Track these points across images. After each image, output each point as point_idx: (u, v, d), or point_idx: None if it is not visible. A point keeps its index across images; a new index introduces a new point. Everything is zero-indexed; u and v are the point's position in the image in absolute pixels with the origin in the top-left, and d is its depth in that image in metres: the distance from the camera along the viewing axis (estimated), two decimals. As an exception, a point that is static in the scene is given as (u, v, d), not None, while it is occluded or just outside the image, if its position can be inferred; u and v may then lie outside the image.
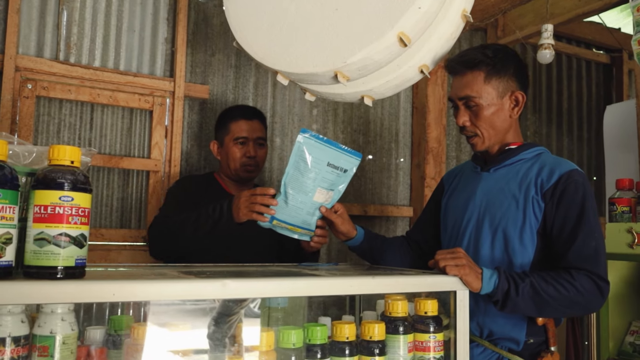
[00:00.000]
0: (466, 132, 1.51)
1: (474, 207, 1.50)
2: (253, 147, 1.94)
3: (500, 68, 1.46)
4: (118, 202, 2.18)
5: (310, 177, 1.45)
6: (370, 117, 2.75)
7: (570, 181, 1.36)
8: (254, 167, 1.95)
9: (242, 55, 2.44)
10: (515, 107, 1.48)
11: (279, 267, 1.56)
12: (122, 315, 1.26)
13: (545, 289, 1.27)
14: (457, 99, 1.49)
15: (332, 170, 1.46)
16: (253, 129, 1.95)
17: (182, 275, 1.23)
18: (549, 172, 1.40)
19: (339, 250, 2.63)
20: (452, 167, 2.93)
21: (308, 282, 1.19)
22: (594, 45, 3.42)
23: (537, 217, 1.39)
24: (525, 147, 1.50)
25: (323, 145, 1.46)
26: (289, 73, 1.55)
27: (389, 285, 1.27)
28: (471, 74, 1.46)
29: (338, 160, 1.46)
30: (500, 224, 1.42)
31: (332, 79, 1.51)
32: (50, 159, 0.96)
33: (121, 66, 2.19)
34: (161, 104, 2.23)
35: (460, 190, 1.60)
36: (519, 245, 1.40)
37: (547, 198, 1.38)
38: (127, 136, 2.21)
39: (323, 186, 1.46)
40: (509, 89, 1.47)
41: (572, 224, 1.34)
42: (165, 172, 2.21)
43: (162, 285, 1.03)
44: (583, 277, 1.29)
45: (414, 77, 1.60)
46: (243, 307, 1.43)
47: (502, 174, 1.49)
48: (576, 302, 1.29)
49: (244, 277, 1.20)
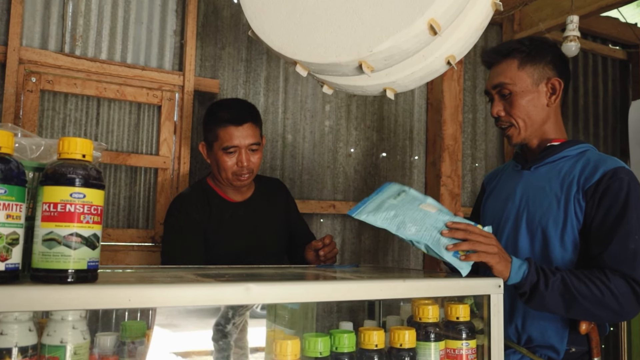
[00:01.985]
0: (501, 122, 1.44)
1: (512, 206, 1.43)
2: (245, 155, 1.70)
3: (535, 55, 1.40)
4: (125, 200, 2.10)
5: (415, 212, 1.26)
6: (384, 113, 2.66)
7: (615, 179, 1.28)
8: (248, 177, 1.73)
9: (253, 49, 2.36)
10: (553, 95, 1.41)
11: (297, 269, 1.48)
12: (134, 321, 1.18)
13: (577, 286, 1.19)
14: (491, 88, 1.44)
15: (404, 195, 1.29)
16: (244, 135, 1.68)
17: (199, 279, 1.15)
18: (592, 169, 1.32)
19: (352, 252, 2.55)
20: (468, 166, 2.85)
21: (336, 286, 1.11)
22: (610, 41, 3.34)
23: (579, 217, 1.31)
24: (569, 143, 1.41)
25: (366, 204, 1.26)
26: (309, 63, 1.46)
27: (421, 289, 1.19)
28: (505, 62, 1.42)
29: (389, 194, 1.30)
30: (540, 224, 1.35)
31: (355, 70, 1.43)
32: (60, 152, 0.88)
33: (128, 59, 2.11)
34: (170, 98, 2.14)
35: (499, 190, 1.54)
36: (559, 246, 1.32)
37: (589, 196, 1.30)
38: (134, 132, 2.13)
39: None
40: (544, 75, 1.40)
41: (611, 223, 1.26)
42: (174, 169, 2.13)
43: (181, 290, 0.95)
44: (619, 279, 1.21)
45: (439, 69, 1.52)
46: (249, 309, 1.35)
47: (544, 172, 1.41)
48: (609, 306, 1.21)
49: (265, 280, 1.13)
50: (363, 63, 1.38)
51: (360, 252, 2.56)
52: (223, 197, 1.81)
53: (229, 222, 1.78)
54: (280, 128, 2.41)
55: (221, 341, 1.23)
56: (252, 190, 1.88)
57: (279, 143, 2.40)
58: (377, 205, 1.21)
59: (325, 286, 1.09)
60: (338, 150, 2.54)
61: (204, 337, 1.24)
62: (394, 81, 1.53)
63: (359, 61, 1.38)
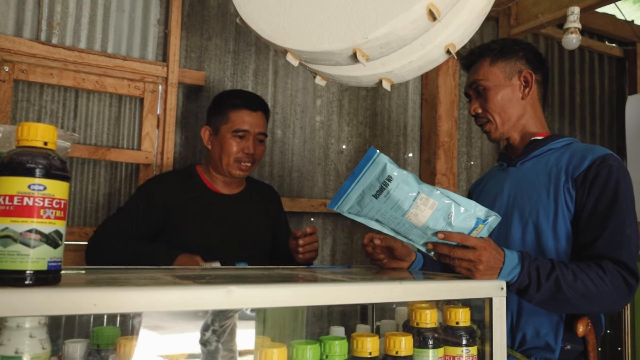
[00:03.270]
0: (479, 120, 1.45)
1: (501, 203, 1.40)
2: (253, 143, 1.69)
3: (506, 51, 1.43)
4: (104, 197, 1.99)
5: (398, 219, 1.10)
6: (378, 109, 2.58)
7: (604, 165, 1.25)
8: (249, 166, 1.70)
9: (241, 40, 2.26)
10: (526, 88, 1.41)
11: (285, 270, 1.38)
12: (107, 327, 1.09)
13: (572, 284, 1.15)
14: (468, 87, 1.48)
15: (385, 198, 1.06)
16: (256, 122, 1.70)
17: (177, 281, 1.05)
18: (580, 158, 1.30)
19: (344, 252, 2.46)
20: (463, 163, 2.78)
21: (327, 288, 1.02)
22: (607, 38, 3.29)
23: (569, 206, 1.28)
24: (553, 137, 1.40)
25: (348, 194, 1.11)
26: (301, 52, 1.37)
27: (418, 292, 1.10)
28: (479, 62, 1.46)
29: (370, 183, 1.07)
30: (531, 217, 1.32)
31: (349, 58, 1.34)
32: (19, 139, 0.78)
33: (109, 49, 2.01)
34: (153, 90, 2.04)
35: (486, 191, 1.51)
36: (552, 237, 1.29)
37: (579, 184, 1.27)
38: (115, 125, 2.02)
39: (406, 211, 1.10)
40: (516, 69, 1.42)
41: (603, 210, 1.23)
42: (157, 165, 2.02)
43: (153, 294, 0.85)
44: (614, 272, 1.18)
45: (438, 58, 1.44)
46: (238, 311, 1.27)
47: (530, 166, 1.39)
48: (604, 301, 1.18)
49: (250, 282, 1.04)
50: (358, 51, 1.30)
51: (353, 252, 2.47)
52: (208, 186, 1.75)
53: (206, 211, 1.70)
54: (270, 123, 2.31)
55: (209, 344, 1.13)
56: (242, 187, 1.81)
57: (268, 139, 2.31)
58: (359, 200, 1.10)
59: (315, 289, 1.00)
60: (329, 146, 2.45)
61: (191, 340, 1.15)
62: (391, 71, 1.45)
63: (353, 49, 1.30)
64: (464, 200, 1.07)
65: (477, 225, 1.09)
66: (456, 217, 1.07)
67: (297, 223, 2.34)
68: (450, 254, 1.10)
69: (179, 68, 2.08)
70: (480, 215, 1.08)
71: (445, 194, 1.06)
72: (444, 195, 1.06)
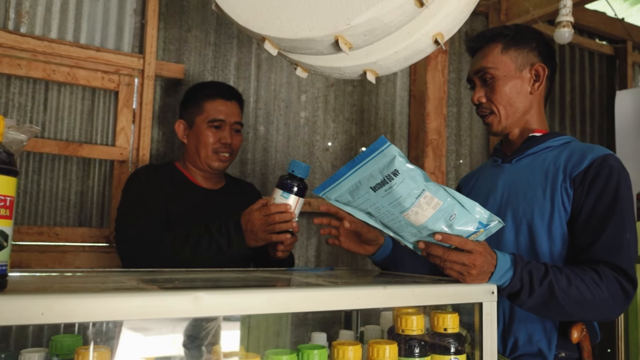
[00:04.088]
0: (481, 110, 1.37)
1: (494, 201, 1.33)
2: (229, 133, 1.66)
3: (519, 40, 1.34)
4: (76, 196, 1.90)
5: (394, 215, 1.00)
6: (365, 105, 2.50)
7: (604, 165, 1.19)
8: (227, 157, 1.66)
9: (222, 32, 2.17)
10: (536, 82, 1.34)
11: (264, 273, 1.30)
12: (67, 335, 1.00)
13: (567, 290, 1.08)
14: (473, 74, 1.37)
15: (385, 192, 0.97)
16: (231, 111, 1.67)
17: (141, 286, 0.97)
18: (580, 157, 1.23)
19: (330, 253, 2.38)
20: (452, 162, 2.72)
21: (305, 294, 0.94)
22: (597, 35, 3.25)
23: (566, 207, 1.21)
24: (551, 135, 1.33)
25: (341, 181, 1.00)
26: (279, 39, 1.29)
27: (404, 297, 1.03)
28: (488, 47, 1.36)
29: (371, 174, 0.97)
30: (525, 217, 1.25)
31: (331, 47, 1.26)
32: (-43, 128, 0.70)
33: (82, 39, 1.91)
34: (128, 83, 1.94)
35: (478, 187, 1.43)
36: (547, 239, 1.22)
37: (577, 184, 1.20)
38: (88, 120, 1.92)
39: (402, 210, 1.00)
40: (528, 61, 1.33)
41: (602, 212, 1.16)
42: (132, 162, 1.93)
43: (110, 301, 0.77)
44: (611, 278, 1.12)
45: (426, 48, 1.36)
46: None
47: (526, 163, 1.32)
48: (599, 309, 1.12)
49: (222, 287, 0.96)
50: (340, 38, 1.22)
51: (339, 253, 2.39)
52: (191, 180, 1.67)
53: (193, 205, 1.62)
54: (252, 119, 2.23)
55: (193, 347, 1.09)
56: (223, 183, 1.74)
57: (250, 135, 2.22)
58: (352, 190, 1.00)
59: (292, 295, 0.92)
60: (314, 143, 2.37)
61: (174, 342, 1.09)
62: (375, 62, 1.37)
63: (335, 36, 1.22)
64: (468, 202, 0.99)
65: (477, 230, 1.01)
66: (458, 219, 0.99)
67: (280, 223, 2.25)
68: (444, 256, 1.02)
69: (157, 60, 1.99)
70: (483, 219, 1.01)
71: (450, 194, 0.98)
72: (449, 194, 0.98)
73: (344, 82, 2.45)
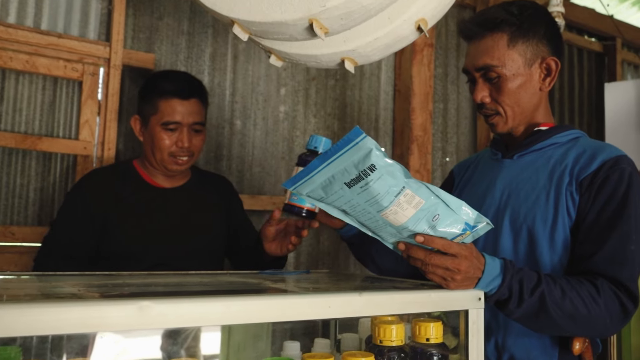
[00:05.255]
0: (485, 110, 1.21)
1: (492, 201, 1.21)
2: (187, 135, 1.49)
3: (528, 28, 1.17)
4: (36, 193, 1.77)
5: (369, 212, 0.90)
6: (347, 100, 2.40)
7: (616, 169, 1.08)
8: (186, 160, 1.51)
9: (196, 21, 2.06)
10: (547, 78, 1.20)
11: (231, 277, 1.19)
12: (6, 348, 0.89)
13: (560, 302, 0.99)
14: (474, 69, 1.20)
15: (361, 189, 0.86)
16: (189, 112, 1.49)
17: (82, 293, 0.85)
18: (589, 157, 1.12)
19: (309, 254, 2.27)
20: (438, 160, 2.62)
21: (271, 302, 0.83)
22: (586, 31, 3.18)
23: (571, 213, 1.11)
24: (558, 129, 1.21)
25: (313, 175, 0.88)
26: (249, 23, 1.18)
27: (382, 306, 0.93)
28: (491, 38, 1.17)
29: (345, 168, 0.85)
30: (525, 222, 1.13)
31: (305, 31, 1.16)
32: None
33: (43, 25, 1.78)
34: (93, 73, 1.82)
35: (474, 182, 1.31)
36: (548, 247, 1.11)
37: (584, 188, 1.09)
38: (49, 112, 1.79)
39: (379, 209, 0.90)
40: (539, 54, 1.18)
41: (607, 220, 1.06)
42: (97, 157, 1.80)
43: (37, 312, 0.66)
44: (610, 293, 1.02)
45: (408, 35, 1.26)
46: None
47: (529, 161, 1.20)
48: (594, 325, 1.02)
49: (174, 295, 0.85)
50: (315, 22, 1.12)
51: (319, 255, 2.29)
52: (147, 181, 1.54)
53: (149, 208, 1.50)
54: (228, 113, 2.11)
55: (171, 350, 1.00)
56: (187, 178, 1.60)
57: (226, 130, 2.10)
58: (324, 185, 0.89)
59: (255, 303, 0.81)
60: (294, 139, 2.26)
61: (153, 345, 0.99)
62: (354, 49, 1.26)
63: (309, 19, 1.11)
64: (454, 201, 0.88)
65: (463, 232, 0.91)
66: (442, 220, 0.89)
67: (257, 222, 2.14)
68: (425, 260, 0.92)
69: (125, 49, 1.86)
70: (470, 220, 0.90)
71: (434, 192, 0.87)
72: (432, 193, 0.87)
73: (325, 76, 2.35)
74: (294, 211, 1.22)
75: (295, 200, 1.22)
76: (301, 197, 0.94)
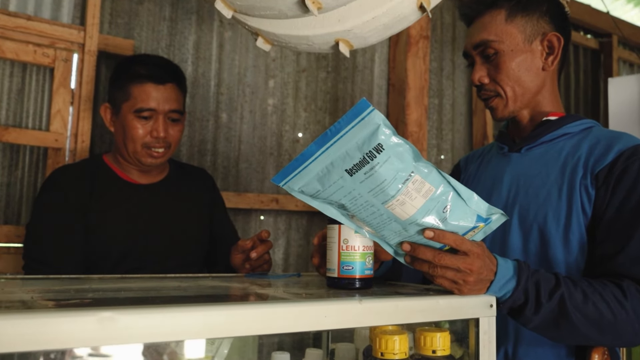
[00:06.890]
0: (484, 92, 1.14)
1: (498, 198, 1.12)
2: (163, 124, 1.35)
3: (527, 3, 1.11)
4: (2, 188, 1.64)
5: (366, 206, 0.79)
6: (339, 93, 2.29)
7: (634, 159, 0.99)
8: (162, 152, 1.38)
9: (179, 7, 1.93)
10: (550, 56, 1.12)
11: (213, 281, 1.07)
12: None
13: (582, 307, 0.89)
14: (472, 48, 1.14)
15: (365, 176, 0.74)
16: (164, 98, 1.35)
17: (34, 300, 0.73)
18: (604, 148, 1.03)
19: (299, 256, 2.16)
20: (433, 157, 2.53)
21: (256, 311, 0.72)
22: (582, 28, 3.12)
23: (586, 209, 1.01)
24: (569, 118, 1.12)
25: (307, 165, 0.77)
26: (234, -3, 1.06)
27: (384, 315, 0.82)
28: (489, 14, 1.12)
29: (347, 152, 0.74)
30: (536, 220, 1.05)
31: (296, 7, 1.05)
32: None
33: (11, 6, 1.64)
34: (66, 59, 1.68)
35: (480, 177, 1.22)
36: (562, 248, 1.02)
37: (600, 182, 1.00)
38: (16, 100, 1.66)
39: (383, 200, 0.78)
40: (539, 30, 1.12)
41: (629, 216, 0.97)
42: (70, 149, 1.67)
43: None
44: (637, 294, 0.92)
45: (409, 15, 1.16)
46: None
47: (539, 154, 1.11)
48: (621, 333, 0.92)
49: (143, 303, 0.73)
50: (307, -4, 1.01)
51: (309, 256, 2.18)
52: (120, 177, 1.41)
53: (124, 207, 1.37)
54: (213, 105, 1.99)
55: (154, 355, 0.92)
56: (165, 173, 1.47)
57: (211, 123, 1.98)
58: (321, 176, 0.76)
59: (239, 314, 0.70)
60: (283, 134, 2.15)
61: (134, 351, 0.89)
62: (350, 29, 1.15)
63: (301, -7, 1.01)
64: (465, 190, 0.77)
65: (476, 225, 0.79)
66: (453, 211, 0.77)
67: (244, 222, 2.03)
68: (434, 261, 0.81)
69: (101, 34, 1.73)
70: (482, 212, 0.79)
71: (445, 177, 0.76)
72: (444, 178, 0.75)
73: (316, 68, 2.24)
74: (342, 284, 0.91)
75: (345, 272, 0.90)
76: (346, 268, 0.83)
